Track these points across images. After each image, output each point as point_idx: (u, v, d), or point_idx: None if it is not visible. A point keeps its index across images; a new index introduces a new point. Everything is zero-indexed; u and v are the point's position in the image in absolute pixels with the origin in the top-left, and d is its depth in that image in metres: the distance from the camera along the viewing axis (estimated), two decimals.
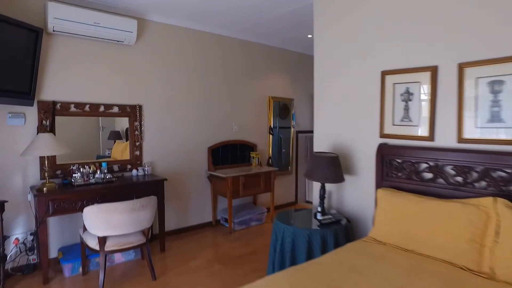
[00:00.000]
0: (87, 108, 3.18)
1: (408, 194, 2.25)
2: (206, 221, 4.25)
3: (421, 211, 2.04)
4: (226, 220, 4.21)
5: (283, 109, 5.12)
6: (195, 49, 3.98)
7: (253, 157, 4.59)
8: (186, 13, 3.56)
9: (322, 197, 2.75)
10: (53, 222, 3.06)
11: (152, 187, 3.24)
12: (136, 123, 3.51)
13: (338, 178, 2.64)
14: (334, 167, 2.64)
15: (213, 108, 4.24)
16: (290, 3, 3.31)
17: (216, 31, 4.17)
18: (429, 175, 2.29)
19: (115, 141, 3.44)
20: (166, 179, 3.32)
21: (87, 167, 3.08)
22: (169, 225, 3.78)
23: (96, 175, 3.05)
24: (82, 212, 2.52)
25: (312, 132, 5.99)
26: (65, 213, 2.77)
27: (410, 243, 2.03)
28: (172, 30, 3.77)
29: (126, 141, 3.49)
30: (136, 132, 3.52)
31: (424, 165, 2.32)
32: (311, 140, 5.58)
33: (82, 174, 2.98)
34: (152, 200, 2.60)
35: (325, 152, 2.80)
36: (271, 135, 4.93)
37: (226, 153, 4.39)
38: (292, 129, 5.27)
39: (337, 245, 2.36)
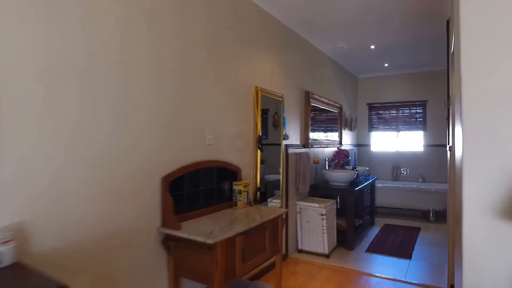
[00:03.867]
0: None
1: None
2: None
3: None
4: None
5: (267, 110, 3.25)
6: None
7: (240, 192, 2.55)
8: None
9: None
10: None
11: None
12: None
13: None
14: None
15: (174, 100, 2.09)
16: None
17: None
18: None
19: None
20: None
21: None
22: None
23: None
24: None
25: (303, 146, 4.16)
26: None
27: None
28: None
29: None
30: None
31: None
32: (303, 159, 3.80)
33: None
34: None
35: None
36: (259, 151, 2.97)
37: (196, 186, 2.25)
38: (282, 143, 3.42)
39: None
